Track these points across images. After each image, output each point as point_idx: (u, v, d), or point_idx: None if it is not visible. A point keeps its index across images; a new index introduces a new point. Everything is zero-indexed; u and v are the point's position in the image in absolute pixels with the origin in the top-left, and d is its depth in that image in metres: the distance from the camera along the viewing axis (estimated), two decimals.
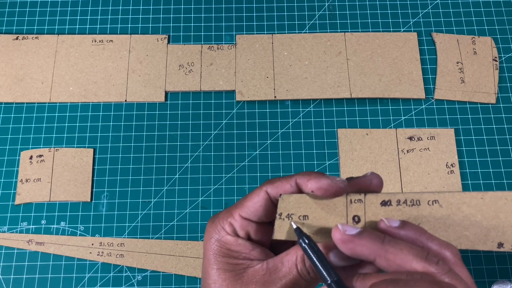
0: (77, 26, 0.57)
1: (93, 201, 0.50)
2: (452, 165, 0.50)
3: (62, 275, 0.48)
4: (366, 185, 0.27)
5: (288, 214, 0.27)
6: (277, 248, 0.30)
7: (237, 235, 0.28)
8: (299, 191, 0.27)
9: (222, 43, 0.55)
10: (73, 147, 0.52)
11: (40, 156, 0.51)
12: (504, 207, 0.27)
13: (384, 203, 0.27)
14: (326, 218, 0.27)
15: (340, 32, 0.56)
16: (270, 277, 0.26)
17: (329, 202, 0.27)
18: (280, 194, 0.27)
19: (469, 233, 0.27)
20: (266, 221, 0.29)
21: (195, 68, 0.54)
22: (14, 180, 0.51)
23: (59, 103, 0.53)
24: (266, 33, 0.56)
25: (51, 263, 0.48)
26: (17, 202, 0.50)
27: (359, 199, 0.27)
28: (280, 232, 0.27)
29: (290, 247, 0.27)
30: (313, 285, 0.27)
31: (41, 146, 0.52)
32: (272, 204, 0.28)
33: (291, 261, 0.26)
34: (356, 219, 0.27)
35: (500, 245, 0.26)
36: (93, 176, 0.51)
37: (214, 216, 0.29)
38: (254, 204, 0.28)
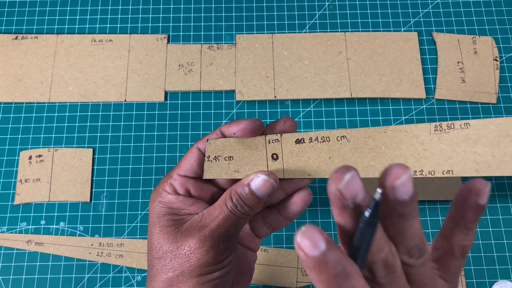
0: (77, 26, 0.57)
1: (92, 201, 0.50)
2: None
3: (61, 276, 0.47)
4: (281, 126, 0.30)
5: (216, 156, 0.30)
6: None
7: (178, 193, 0.30)
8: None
9: (222, 43, 0.55)
10: (73, 147, 0.52)
11: (40, 156, 0.51)
12: (405, 138, 0.30)
13: (298, 141, 0.30)
14: (248, 157, 0.30)
15: (341, 31, 0.56)
16: (205, 222, 0.28)
17: (250, 143, 0.30)
18: (208, 140, 0.30)
19: (375, 163, 0.30)
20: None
21: (195, 68, 0.54)
22: (13, 180, 0.51)
23: (58, 103, 0.53)
24: (266, 33, 0.56)
25: (50, 263, 0.48)
26: (16, 202, 0.50)
27: (276, 139, 0.30)
28: (209, 172, 0.30)
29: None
30: (246, 220, 0.29)
31: (41, 146, 0.52)
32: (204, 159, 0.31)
33: (221, 200, 0.29)
34: (274, 157, 0.30)
35: None
36: (92, 176, 0.51)
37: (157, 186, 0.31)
38: (188, 161, 0.30)
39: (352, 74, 0.53)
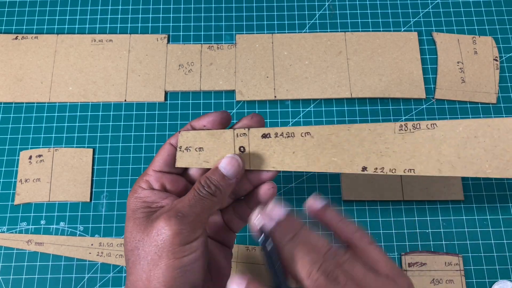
0: (77, 26, 0.57)
1: (92, 201, 0.50)
2: None
3: (61, 276, 0.47)
4: (248, 121, 0.33)
5: (187, 147, 0.32)
6: None
7: (153, 188, 0.31)
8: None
9: (222, 43, 0.55)
10: (73, 147, 0.52)
11: (40, 156, 0.51)
12: (368, 136, 0.32)
13: (264, 136, 0.32)
14: (217, 149, 0.32)
15: (341, 31, 0.56)
16: (173, 205, 0.29)
17: (219, 136, 0.32)
18: (180, 131, 0.32)
19: (337, 159, 0.32)
20: (178, 172, 0.33)
21: (195, 67, 0.54)
22: (13, 180, 0.51)
23: (58, 103, 0.53)
24: (266, 33, 0.56)
25: (50, 263, 0.48)
26: (16, 202, 0.50)
27: (244, 133, 0.32)
28: (181, 161, 0.32)
29: None
30: (214, 204, 0.30)
31: (41, 146, 0.52)
32: None
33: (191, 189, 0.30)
34: (242, 149, 0.32)
35: (364, 168, 0.31)
36: (92, 176, 0.51)
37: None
38: (162, 157, 0.32)
39: (352, 74, 0.53)
